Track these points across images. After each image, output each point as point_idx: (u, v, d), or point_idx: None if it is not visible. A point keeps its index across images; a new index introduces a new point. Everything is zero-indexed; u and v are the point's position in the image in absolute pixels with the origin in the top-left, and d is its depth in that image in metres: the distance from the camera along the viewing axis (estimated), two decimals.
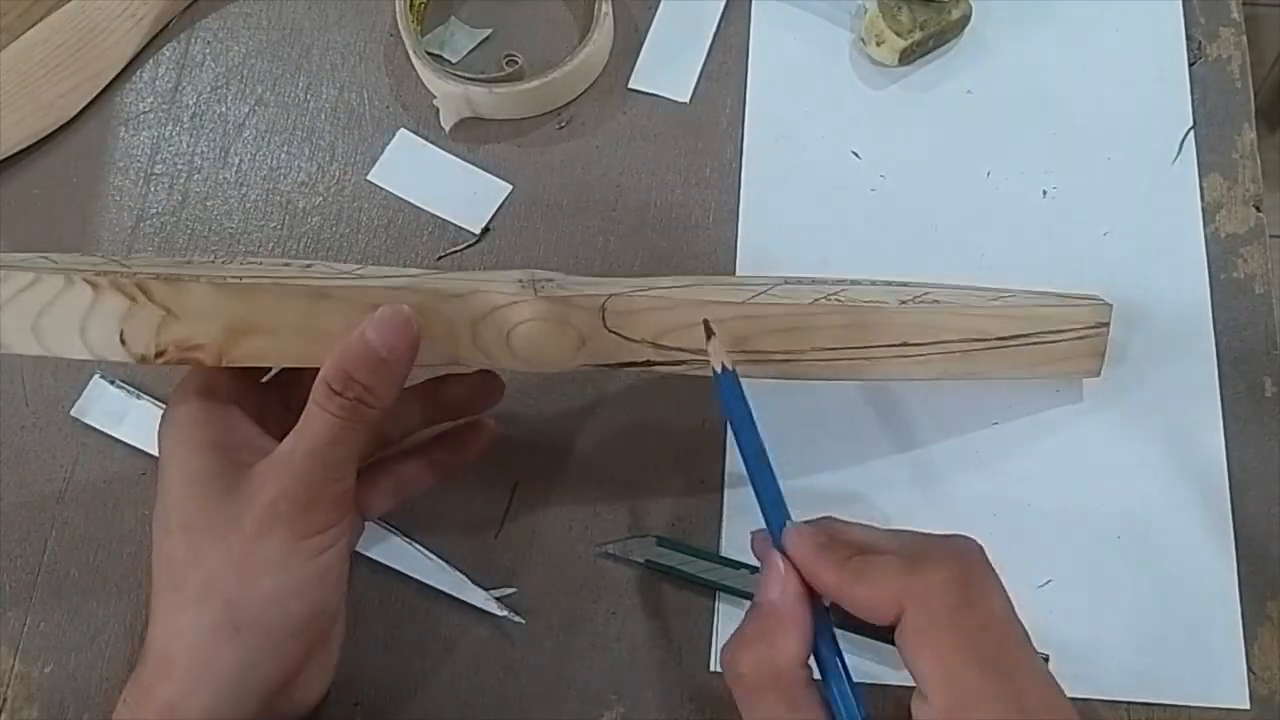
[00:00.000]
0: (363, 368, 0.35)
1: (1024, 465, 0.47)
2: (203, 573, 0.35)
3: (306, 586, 0.36)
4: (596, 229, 0.52)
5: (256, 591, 0.35)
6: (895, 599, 0.33)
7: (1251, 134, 0.53)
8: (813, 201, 0.52)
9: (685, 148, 0.54)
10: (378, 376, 0.35)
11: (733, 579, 0.45)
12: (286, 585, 0.35)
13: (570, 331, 0.38)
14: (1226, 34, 0.55)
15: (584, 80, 0.55)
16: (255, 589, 0.35)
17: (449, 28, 0.57)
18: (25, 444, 0.49)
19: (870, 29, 0.53)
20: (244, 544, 0.35)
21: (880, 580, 0.33)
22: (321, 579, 0.36)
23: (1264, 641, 0.44)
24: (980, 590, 0.33)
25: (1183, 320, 0.49)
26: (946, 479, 0.47)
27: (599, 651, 0.45)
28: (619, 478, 0.48)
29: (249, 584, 0.35)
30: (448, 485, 0.47)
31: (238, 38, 0.57)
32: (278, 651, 0.36)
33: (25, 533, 0.48)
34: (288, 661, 0.36)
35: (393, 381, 0.36)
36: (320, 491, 0.35)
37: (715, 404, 0.48)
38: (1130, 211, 0.51)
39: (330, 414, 0.35)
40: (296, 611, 0.36)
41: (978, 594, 0.33)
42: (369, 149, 0.54)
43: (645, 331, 0.39)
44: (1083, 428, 0.47)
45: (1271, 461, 0.47)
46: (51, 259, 0.39)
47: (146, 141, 0.55)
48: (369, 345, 0.35)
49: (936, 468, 0.47)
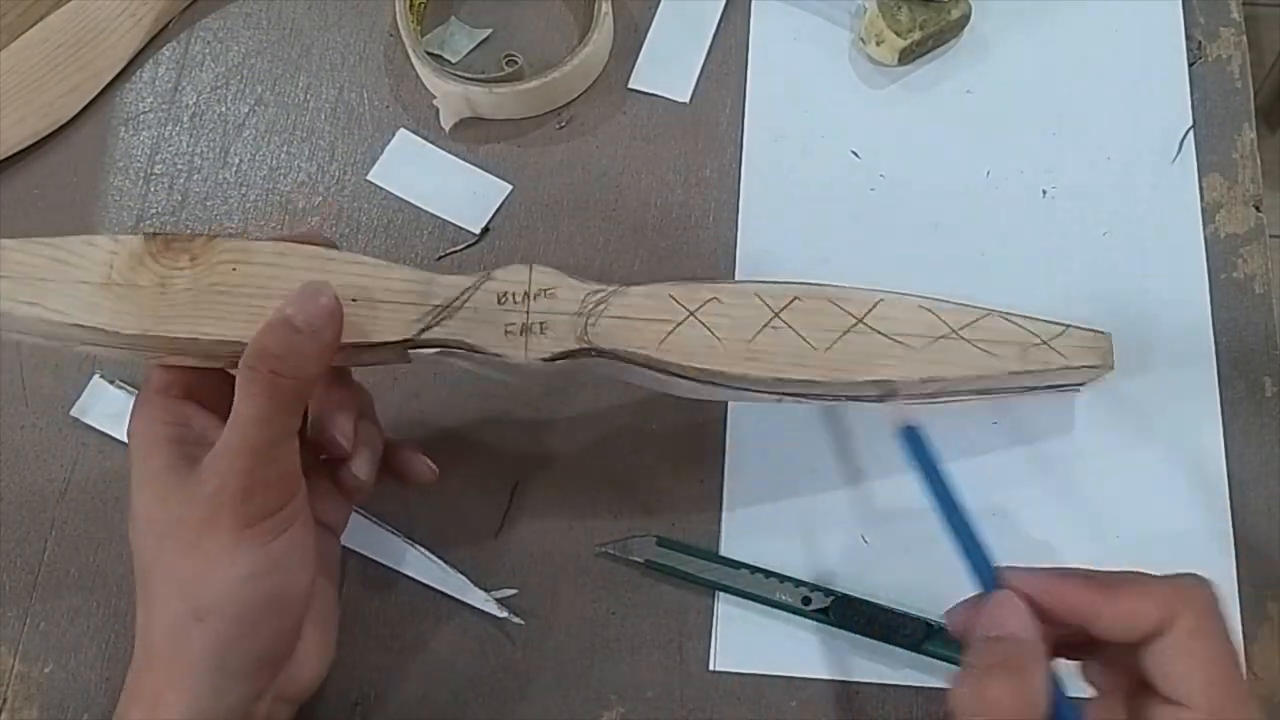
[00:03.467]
0: (278, 342, 0.35)
1: (1022, 465, 0.47)
2: (163, 568, 0.36)
3: (260, 574, 0.36)
4: (596, 229, 0.52)
5: (210, 583, 0.35)
6: (1166, 604, 0.33)
7: (1251, 134, 0.53)
8: (813, 201, 0.52)
9: (685, 148, 0.54)
10: (292, 348, 0.35)
11: (732, 579, 0.45)
12: (237, 575, 0.35)
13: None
14: (1226, 34, 0.55)
15: (584, 80, 0.55)
16: (208, 581, 0.35)
17: (449, 28, 0.57)
18: (25, 444, 0.49)
19: (870, 29, 0.53)
20: (193, 538, 0.35)
21: (1148, 588, 0.33)
22: (275, 565, 0.36)
23: (1264, 641, 0.44)
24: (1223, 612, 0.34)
25: (1183, 320, 0.49)
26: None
27: (599, 651, 0.45)
28: (619, 478, 0.48)
29: (201, 577, 0.35)
30: (448, 486, 0.47)
31: (238, 38, 0.57)
32: (247, 636, 0.36)
33: (25, 533, 0.48)
34: (264, 645, 0.37)
35: (309, 353, 0.36)
36: (257, 477, 0.35)
37: (715, 404, 0.48)
38: (1130, 211, 0.51)
39: (251, 394, 0.35)
40: (254, 599, 0.36)
41: (1224, 614, 0.34)
42: (369, 149, 0.54)
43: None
44: (1081, 427, 0.47)
45: (1271, 461, 0.47)
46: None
47: (146, 141, 0.55)
48: (285, 318, 0.35)
49: None
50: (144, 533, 0.37)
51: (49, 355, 0.51)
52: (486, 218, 0.53)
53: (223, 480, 0.35)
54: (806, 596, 0.44)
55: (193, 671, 0.35)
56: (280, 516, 0.36)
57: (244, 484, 0.35)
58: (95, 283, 0.38)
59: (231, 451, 0.35)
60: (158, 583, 0.36)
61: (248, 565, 0.35)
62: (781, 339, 0.40)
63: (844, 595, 0.44)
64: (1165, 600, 0.33)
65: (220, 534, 0.35)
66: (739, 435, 0.48)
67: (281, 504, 0.36)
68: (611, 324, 0.40)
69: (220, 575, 0.35)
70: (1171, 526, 0.46)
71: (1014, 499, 0.46)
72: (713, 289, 0.41)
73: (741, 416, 0.48)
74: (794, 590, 0.44)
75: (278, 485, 0.36)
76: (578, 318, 0.40)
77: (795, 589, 0.44)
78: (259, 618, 0.36)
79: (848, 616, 0.44)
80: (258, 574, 0.36)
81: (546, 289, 0.40)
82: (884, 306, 0.41)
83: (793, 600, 0.44)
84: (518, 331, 0.39)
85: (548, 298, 0.40)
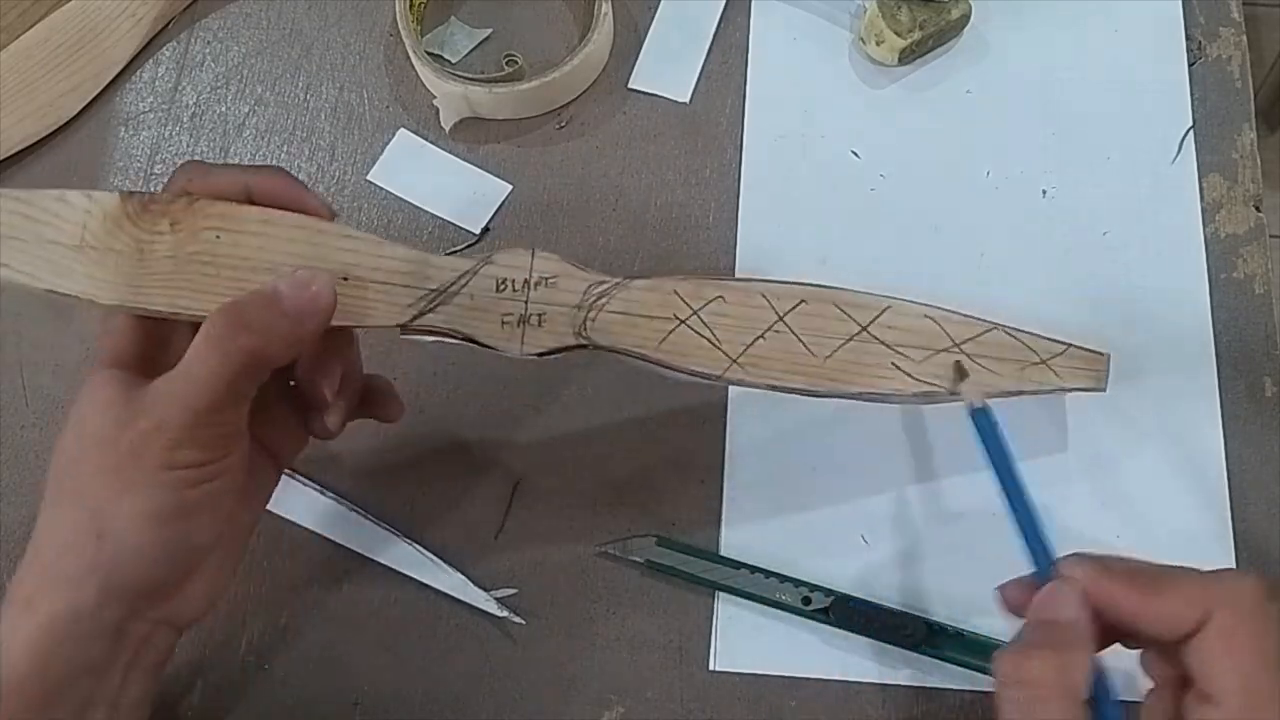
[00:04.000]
0: (260, 320, 0.35)
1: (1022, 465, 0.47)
2: (80, 478, 0.35)
3: (170, 515, 0.35)
4: (596, 229, 0.52)
5: (120, 507, 0.35)
6: (1202, 603, 0.33)
7: (1251, 134, 0.53)
8: (813, 201, 0.52)
9: (685, 148, 0.54)
10: (272, 330, 0.35)
11: (732, 579, 0.45)
12: (148, 509, 0.35)
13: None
14: (1226, 34, 0.55)
15: (584, 80, 0.55)
16: (119, 505, 0.35)
17: (449, 28, 0.57)
18: (25, 444, 0.49)
19: (870, 29, 0.53)
20: (118, 461, 0.35)
21: (1186, 587, 0.34)
22: (187, 512, 0.36)
23: None
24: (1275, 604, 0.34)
25: (1183, 320, 0.49)
26: (943, 479, 0.47)
27: (599, 651, 0.45)
28: (619, 478, 0.48)
29: (115, 497, 0.35)
30: (448, 486, 0.47)
31: (238, 38, 0.57)
32: (137, 567, 0.36)
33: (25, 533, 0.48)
34: (154, 579, 0.36)
35: (288, 339, 0.36)
36: (193, 433, 0.35)
37: (715, 404, 0.48)
38: (1130, 211, 0.51)
39: (213, 358, 0.34)
40: (156, 538, 0.35)
41: (1274, 607, 0.34)
42: (369, 149, 0.54)
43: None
44: (1080, 428, 0.47)
45: (1271, 461, 0.47)
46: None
47: (146, 141, 0.55)
48: (273, 297, 0.34)
49: (934, 467, 0.47)
50: (70, 439, 0.36)
51: (49, 355, 0.51)
52: (486, 218, 0.53)
53: (160, 421, 0.35)
54: (806, 596, 0.44)
55: (76, 582, 0.35)
56: (206, 469, 0.36)
57: (178, 436, 0.35)
58: (68, 245, 0.37)
59: (177, 401, 0.35)
60: (68, 489, 0.36)
61: (157, 504, 0.35)
62: (782, 343, 0.40)
63: (844, 595, 0.44)
64: (1200, 599, 0.33)
65: (145, 466, 0.35)
66: (739, 435, 0.48)
67: (212, 459, 0.36)
68: (611, 319, 0.39)
69: (129, 505, 0.35)
70: (1171, 527, 0.46)
71: None
72: (719, 286, 0.40)
73: (742, 417, 0.48)
74: (794, 590, 0.44)
75: (213, 444, 0.36)
76: (577, 311, 0.39)
77: (795, 589, 0.44)
78: (156, 556, 0.36)
79: (848, 616, 0.44)
80: (164, 517, 0.35)
81: (548, 277, 0.39)
82: (890, 314, 0.41)
83: (793, 600, 0.44)
84: (514, 323, 0.39)
85: (548, 287, 0.39)
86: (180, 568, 0.37)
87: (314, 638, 0.46)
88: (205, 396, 0.35)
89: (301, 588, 0.47)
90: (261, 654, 0.46)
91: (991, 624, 0.44)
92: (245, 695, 0.45)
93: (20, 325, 0.51)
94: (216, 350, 0.35)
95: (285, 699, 0.45)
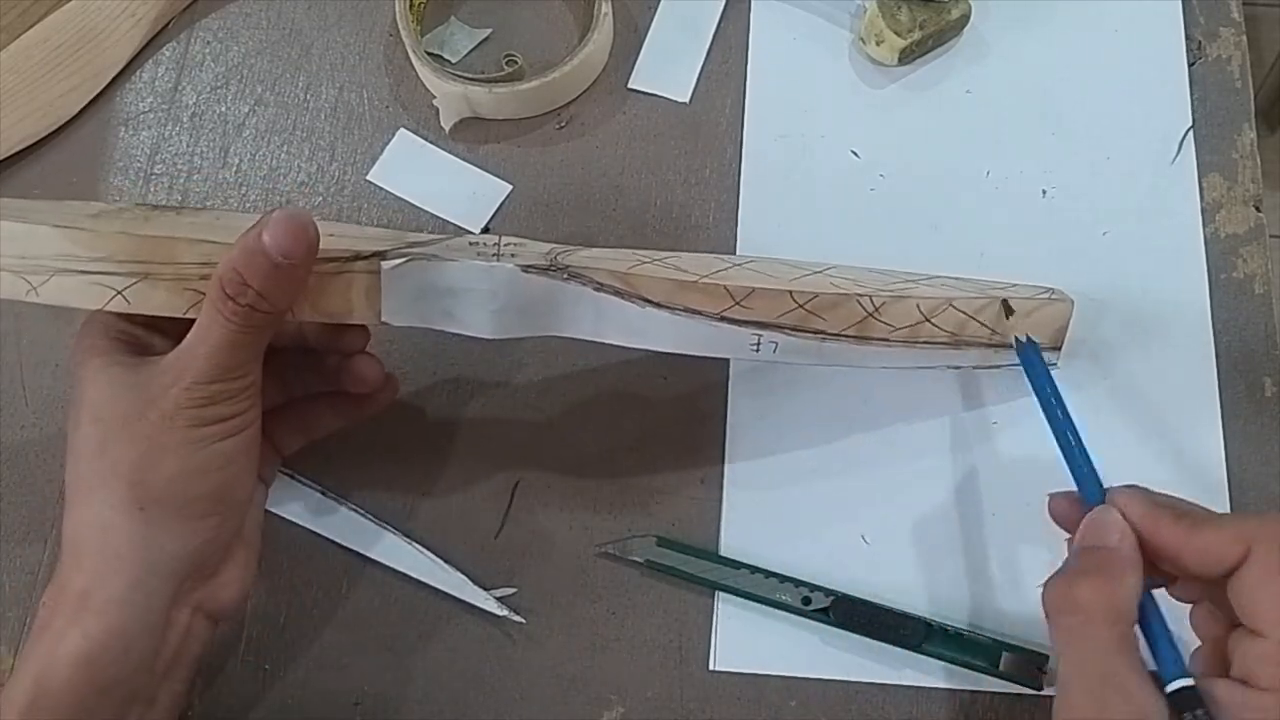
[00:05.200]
0: (257, 274, 0.35)
1: (1021, 465, 0.47)
2: (109, 459, 0.36)
3: (210, 468, 0.37)
4: (596, 229, 0.52)
5: (159, 472, 0.36)
6: (1243, 539, 0.34)
7: (1251, 134, 0.53)
8: (813, 201, 0.52)
9: (685, 148, 0.54)
10: (272, 282, 0.35)
11: (732, 579, 0.45)
12: (189, 467, 0.36)
13: None
14: (1226, 34, 0.55)
15: (584, 80, 0.55)
16: (158, 470, 0.36)
17: (449, 28, 0.57)
18: (25, 444, 0.49)
19: (870, 29, 0.53)
20: (149, 430, 0.36)
21: (1229, 524, 0.35)
22: (226, 462, 0.37)
23: None
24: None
25: (1182, 320, 0.49)
26: (943, 479, 0.47)
27: (599, 651, 0.45)
28: (619, 478, 0.48)
29: (152, 466, 0.36)
30: (448, 486, 0.47)
31: (238, 38, 0.57)
32: (184, 531, 0.37)
33: (25, 533, 0.48)
34: (196, 543, 0.37)
35: (288, 287, 0.36)
36: (221, 390, 0.36)
37: (715, 404, 0.48)
38: (1130, 211, 0.51)
39: (225, 318, 0.35)
40: (200, 493, 0.37)
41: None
42: (369, 149, 0.54)
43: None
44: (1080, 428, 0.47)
45: (1271, 461, 0.47)
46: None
47: (146, 141, 0.55)
48: (264, 249, 0.35)
49: (935, 467, 0.47)
50: (87, 428, 0.37)
51: (49, 355, 0.51)
52: (486, 218, 0.53)
53: (185, 386, 0.36)
54: (806, 596, 0.44)
55: (124, 568, 0.35)
56: (237, 420, 0.37)
57: (209, 392, 0.36)
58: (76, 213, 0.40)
59: (199, 362, 0.36)
60: (97, 476, 0.36)
61: (201, 458, 0.36)
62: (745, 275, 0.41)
63: (844, 595, 0.44)
64: (1242, 534, 0.34)
65: (177, 429, 0.36)
66: (739, 435, 0.48)
67: (241, 410, 0.37)
68: (581, 258, 0.40)
69: (168, 468, 0.36)
70: None
71: (1013, 500, 0.46)
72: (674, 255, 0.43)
73: (742, 416, 0.48)
74: (794, 590, 0.44)
75: (240, 394, 0.37)
76: (546, 257, 0.40)
77: (795, 589, 0.44)
78: (202, 513, 0.37)
79: (848, 616, 0.44)
80: (207, 469, 0.36)
81: (516, 243, 0.42)
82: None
83: (793, 600, 0.44)
84: (488, 256, 0.40)
85: (517, 248, 0.41)
86: (221, 531, 0.38)
87: (314, 638, 0.46)
88: (225, 353, 0.36)
89: (301, 588, 0.47)
90: (261, 654, 0.46)
91: (991, 624, 0.44)
92: (245, 695, 0.45)
93: (20, 325, 0.51)
94: (226, 313, 0.35)
95: (285, 699, 0.45)
